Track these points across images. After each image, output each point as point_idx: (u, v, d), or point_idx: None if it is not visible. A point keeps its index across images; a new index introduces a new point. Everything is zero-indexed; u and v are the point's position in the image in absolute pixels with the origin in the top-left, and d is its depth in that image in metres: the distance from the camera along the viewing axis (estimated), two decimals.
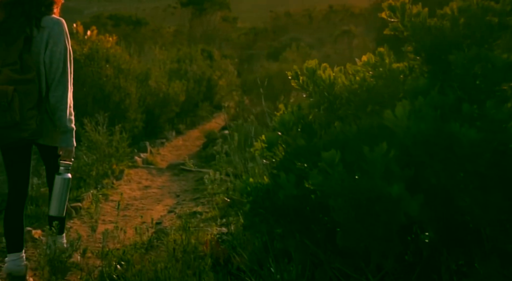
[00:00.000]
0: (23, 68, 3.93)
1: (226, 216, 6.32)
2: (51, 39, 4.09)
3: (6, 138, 3.97)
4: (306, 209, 2.60)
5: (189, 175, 8.61)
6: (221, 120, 14.19)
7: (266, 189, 2.56)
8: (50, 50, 4.09)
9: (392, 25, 2.80)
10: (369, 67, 2.67)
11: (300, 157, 2.59)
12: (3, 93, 3.83)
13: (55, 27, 4.12)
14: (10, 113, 3.84)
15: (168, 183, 8.15)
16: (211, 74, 15.07)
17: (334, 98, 2.84)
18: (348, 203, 2.29)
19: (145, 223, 6.42)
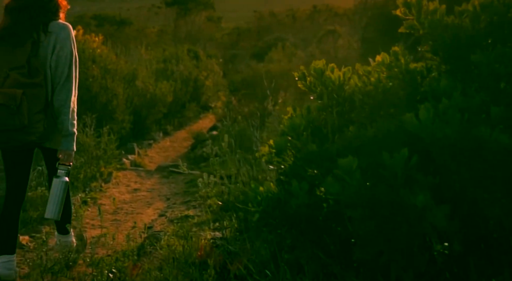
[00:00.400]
0: (31, 72, 3.98)
1: (219, 220, 6.15)
2: (58, 44, 4.13)
3: (14, 141, 4.01)
4: (318, 218, 2.43)
5: (178, 177, 8.43)
6: (208, 121, 14.01)
7: (277, 197, 2.38)
8: (57, 55, 4.13)
9: (407, 23, 2.64)
10: (384, 68, 2.50)
11: (311, 163, 2.43)
12: (12, 96, 3.87)
13: (62, 32, 4.16)
14: (19, 117, 3.88)
15: (158, 185, 7.96)
16: (198, 74, 14.87)
17: (344, 100, 2.68)
18: (367, 213, 2.13)
19: (135, 227, 6.23)
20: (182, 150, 11.10)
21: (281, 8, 44.13)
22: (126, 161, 9.12)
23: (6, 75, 3.94)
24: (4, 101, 3.86)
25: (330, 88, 2.69)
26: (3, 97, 3.87)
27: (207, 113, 14.99)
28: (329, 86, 2.74)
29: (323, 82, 2.77)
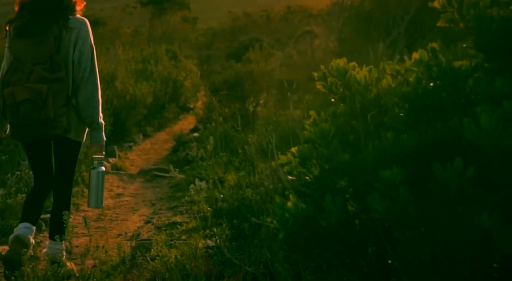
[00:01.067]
0: (53, 67, 4.03)
1: (209, 226, 5.84)
2: (80, 39, 4.20)
3: (40, 135, 4.12)
4: (351, 238, 2.13)
5: (162, 181, 8.08)
6: (188, 123, 13.67)
7: (307, 215, 2.08)
8: (79, 50, 4.19)
9: (445, 16, 2.35)
10: (422, 67, 2.21)
11: (343, 174, 2.12)
12: (38, 91, 3.94)
13: (83, 28, 4.23)
14: (45, 111, 3.94)
15: (141, 190, 7.61)
16: (177, 75, 14.52)
17: (370, 103, 2.38)
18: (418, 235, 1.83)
19: (121, 235, 5.89)
20: (164, 152, 10.75)
21: (255, 9, 43.79)
22: (107, 165, 8.74)
23: (30, 71, 4.00)
24: (31, 96, 3.94)
25: (354, 89, 2.38)
26: (30, 92, 3.95)
27: (186, 114, 14.65)
28: (353, 87, 2.43)
29: (346, 83, 2.46)
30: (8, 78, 4.06)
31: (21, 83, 3.99)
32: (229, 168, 7.83)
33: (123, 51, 14.74)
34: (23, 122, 4.01)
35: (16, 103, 3.98)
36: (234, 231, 4.91)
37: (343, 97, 2.51)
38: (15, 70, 4.06)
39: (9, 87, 4.03)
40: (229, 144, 9.14)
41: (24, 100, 3.95)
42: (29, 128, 4.04)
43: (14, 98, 3.98)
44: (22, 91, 3.97)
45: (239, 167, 7.86)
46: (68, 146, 4.40)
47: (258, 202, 4.69)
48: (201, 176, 7.66)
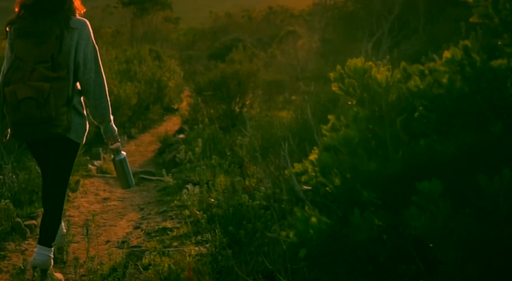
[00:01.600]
0: (55, 66, 4.04)
1: (201, 232, 5.61)
2: (82, 40, 4.21)
3: (41, 133, 4.10)
4: (380, 256, 1.92)
5: (150, 185, 7.84)
6: (172, 124, 13.42)
7: (332, 231, 1.87)
8: (83, 52, 4.21)
9: (477, 10, 2.14)
10: (454, 67, 2.00)
11: (370, 185, 1.91)
12: (41, 89, 3.95)
13: (84, 29, 4.24)
14: (46, 109, 3.96)
15: (129, 194, 7.35)
16: (161, 75, 14.26)
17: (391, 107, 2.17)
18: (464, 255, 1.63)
19: (110, 241, 5.65)
20: (149, 155, 10.49)
21: (236, 9, 43.55)
22: (92, 167, 8.49)
23: (32, 69, 4.00)
24: (33, 94, 3.95)
25: (373, 91, 2.17)
26: (32, 90, 3.95)
27: (170, 115, 14.38)
28: (372, 89, 2.22)
29: (365, 84, 2.25)
30: (9, 77, 4.06)
31: (23, 81, 3.99)
32: (218, 171, 7.61)
33: (106, 51, 14.45)
34: (24, 121, 4.01)
35: (17, 101, 3.98)
36: (228, 238, 4.69)
37: (361, 100, 2.30)
38: (17, 69, 4.05)
39: (10, 85, 4.02)
40: (217, 145, 8.91)
41: (26, 98, 3.96)
42: (30, 127, 4.05)
43: (15, 96, 3.98)
44: (24, 89, 3.97)
45: (228, 170, 7.64)
46: (68, 146, 4.38)
47: (255, 208, 4.48)
48: (190, 179, 7.44)
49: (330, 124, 2.20)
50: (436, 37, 12.53)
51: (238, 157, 8.43)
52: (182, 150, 7.88)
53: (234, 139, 9.28)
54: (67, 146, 4.36)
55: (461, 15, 14.47)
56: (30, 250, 5.36)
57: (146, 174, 8.27)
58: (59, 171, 4.45)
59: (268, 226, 4.40)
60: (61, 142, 4.31)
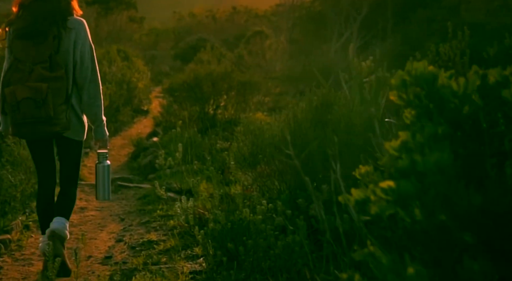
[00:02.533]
0: (52, 66, 4.12)
1: (189, 246, 5.19)
2: (79, 40, 4.30)
3: (40, 132, 4.20)
4: None
5: (128, 192, 7.36)
6: (144, 126, 12.92)
7: None
8: (80, 51, 4.29)
9: None
10: None
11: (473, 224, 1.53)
12: (39, 90, 4.04)
13: (81, 28, 4.33)
14: (45, 109, 4.05)
15: (107, 203, 6.86)
16: (131, 76, 13.73)
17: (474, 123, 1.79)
18: None
19: (91, 257, 5.19)
20: (122, 159, 9.99)
21: (200, 9, 43.00)
22: None
23: (30, 70, 4.09)
24: (31, 94, 4.04)
25: (452, 105, 1.79)
26: (30, 91, 4.04)
27: (141, 117, 13.87)
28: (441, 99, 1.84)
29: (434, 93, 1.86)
30: (8, 78, 4.15)
31: (22, 82, 4.08)
32: (200, 177, 7.18)
33: None
34: (24, 120, 4.11)
35: (17, 102, 4.07)
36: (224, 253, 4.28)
37: (429, 113, 1.91)
38: (16, 70, 4.13)
39: (10, 86, 4.11)
40: (196, 149, 8.48)
41: (25, 98, 4.05)
42: (30, 126, 4.14)
43: (15, 96, 4.07)
44: (23, 90, 4.05)
45: (210, 176, 7.22)
46: (70, 145, 4.53)
47: (257, 223, 4.07)
48: (171, 186, 7.00)
49: (399, 142, 1.80)
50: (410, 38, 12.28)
51: (218, 161, 8.01)
52: (162, 155, 7.42)
53: (212, 143, 8.86)
54: (69, 145, 4.53)
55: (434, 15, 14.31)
56: (5, 268, 4.88)
57: (123, 180, 7.79)
58: (66, 170, 4.66)
59: (271, 242, 4.01)
60: (63, 142, 4.48)
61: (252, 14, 39.47)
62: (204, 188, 6.86)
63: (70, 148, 4.58)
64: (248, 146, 5.67)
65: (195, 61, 20.45)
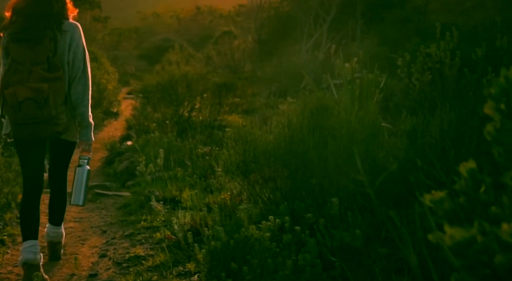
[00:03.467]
0: (51, 67, 4.15)
1: (180, 261, 4.80)
2: (74, 41, 4.32)
3: (42, 132, 4.17)
4: None
5: (107, 201, 6.90)
6: (115, 129, 12.44)
7: None
8: (73, 52, 4.31)
9: None
10: None
11: None
12: (40, 90, 4.06)
13: (76, 31, 4.36)
14: (47, 109, 4.07)
15: (85, 212, 6.42)
16: (100, 77, 13.22)
17: None
18: None
19: (74, 275, 4.76)
20: (96, 164, 9.49)
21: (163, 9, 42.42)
22: None
23: (29, 71, 4.10)
24: (32, 95, 4.05)
25: None
26: (31, 91, 4.05)
27: (111, 119, 13.38)
28: None
29: None
30: (7, 79, 4.12)
31: (22, 83, 4.07)
32: (183, 184, 6.79)
33: None
34: (26, 121, 4.10)
35: (18, 103, 4.05)
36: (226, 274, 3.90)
37: None
38: (15, 72, 4.12)
39: (10, 87, 4.09)
40: (175, 154, 8.08)
41: (26, 99, 4.05)
42: (32, 126, 4.13)
43: (16, 97, 4.05)
44: (24, 90, 4.05)
45: (192, 183, 6.84)
46: (64, 146, 4.53)
47: (264, 241, 3.70)
48: (153, 194, 6.58)
49: None
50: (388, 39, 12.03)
51: (200, 167, 7.63)
52: (142, 162, 7.00)
53: (191, 148, 8.45)
54: (64, 146, 4.54)
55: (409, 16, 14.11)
56: None
57: (100, 188, 7.34)
58: (58, 169, 4.72)
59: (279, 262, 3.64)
60: (58, 143, 4.48)
61: (216, 14, 39.05)
62: (188, 196, 6.48)
63: (65, 148, 4.59)
64: (240, 152, 5.29)
65: (163, 62, 19.99)
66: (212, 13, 40.20)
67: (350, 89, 6.73)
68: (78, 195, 4.56)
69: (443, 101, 5.68)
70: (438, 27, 6.96)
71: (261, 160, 5.08)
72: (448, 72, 6.61)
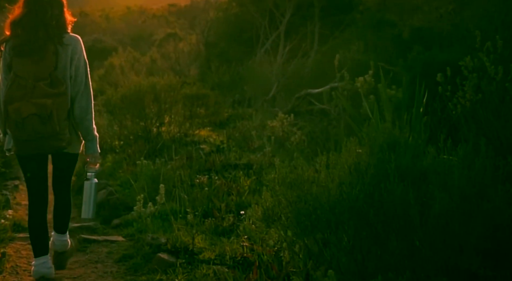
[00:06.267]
0: (53, 82, 4.14)
1: None
2: (75, 55, 4.29)
3: (47, 148, 4.21)
4: None
5: (99, 250, 5.53)
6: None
7: None
8: (75, 66, 4.29)
9: None
10: None
11: None
12: (44, 106, 4.04)
13: (77, 45, 4.34)
14: (51, 124, 4.06)
15: (78, 268, 5.07)
16: None
17: None
18: None
19: None
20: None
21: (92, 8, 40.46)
22: (4, 222, 6.12)
23: (33, 86, 4.09)
24: (36, 111, 4.03)
25: None
26: (35, 107, 4.03)
27: None
28: None
29: None
30: (11, 95, 4.08)
31: (26, 98, 4.04)
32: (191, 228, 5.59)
33: None
34: (30, 137, 4.08)
35: (22, 119, 4.02)
36: None
37: None
38: (18, 87, 4.08)
39: (14, 103, 4.04)
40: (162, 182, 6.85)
41: (30, 115, 4.02)
42: (36, 142, 4.11)
43: (20, 113, 4.01)
44: (28, 106, 4.02)
45: (215, 229, 5.66)
46: (67, 158, 4.49)
47: None
48: (158, 241, 5.36)
49: None
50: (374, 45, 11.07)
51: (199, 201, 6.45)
52: (140, 200, 5.76)
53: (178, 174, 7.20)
54: (66, 158, 4.48)
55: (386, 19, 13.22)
56: None
57: (86, 231, 6.04)
58: (62, 181, 4.64)
59: None
60: (60, 156, 4.43)
61: (149, 14, 37.47)
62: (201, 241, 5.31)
63: (68, 161, 4.56)
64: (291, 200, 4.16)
65: (105, 66, 18.51)
66: (143, 13, 38.60)
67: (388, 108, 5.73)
68: (88, 209, 4.60)
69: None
70: (478, 36, 5.96)
71: (325, 214, 3.95)
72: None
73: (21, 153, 4.30)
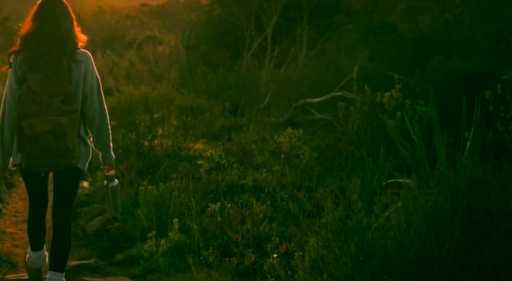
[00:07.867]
0: (66, 99, 4.05)
1: None
2: (88, 73, 4.21)
3: (59, 165, 4.10)
4: None
5: None
6: None
7: None
8: (90, 84, 4.21)
9: None
10: None
11: None
12: (59, 123, 3.98)
13: (89, 61, 4.25)
14: (64, 142, 3.99)
15: None
16: None
17: None
18: None
19: None
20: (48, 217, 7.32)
21: None
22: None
23: (47, 103, 4.00)
24: (51, 128, 3.96)
25: None
26: (50, 124, 3.96)
27: None
28: None
29: None
30: (24, 110, 3.97)
31: (41, 115, 3.97)
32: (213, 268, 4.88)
33: None
34: (43, 153, 3.99)
35: (36, 135, 3.95)
36: None
37: None
38: (32, 102, 3.98)
39: (28, 119, 3.96)
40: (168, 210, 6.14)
41: (44, 132, 3.95)
42: (47, 159, 4.02)
43: (34, 130, 3.94)
44: (42, 123, 3.96)
45: (236, 268, 4.97)
46: (74, 173, 4.35)
47: None
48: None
49: None
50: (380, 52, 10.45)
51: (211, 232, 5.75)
52: (152, 239, 5.04)
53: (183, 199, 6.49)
54: (73, 173, 4.34)
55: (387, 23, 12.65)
56: None
57: (87, 271, 5.28)
58: (65, 197, 4.42)
59: None
60: (67, 171, 4.26)
61: (122, 14, 36.53)
62: None
63: (73, 175, 4.38)
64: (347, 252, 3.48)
65: None
66: (116, 13, 37.65)
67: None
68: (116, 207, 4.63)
69: None
70: None
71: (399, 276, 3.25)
72: None
73: (30, 169, 4.14)
